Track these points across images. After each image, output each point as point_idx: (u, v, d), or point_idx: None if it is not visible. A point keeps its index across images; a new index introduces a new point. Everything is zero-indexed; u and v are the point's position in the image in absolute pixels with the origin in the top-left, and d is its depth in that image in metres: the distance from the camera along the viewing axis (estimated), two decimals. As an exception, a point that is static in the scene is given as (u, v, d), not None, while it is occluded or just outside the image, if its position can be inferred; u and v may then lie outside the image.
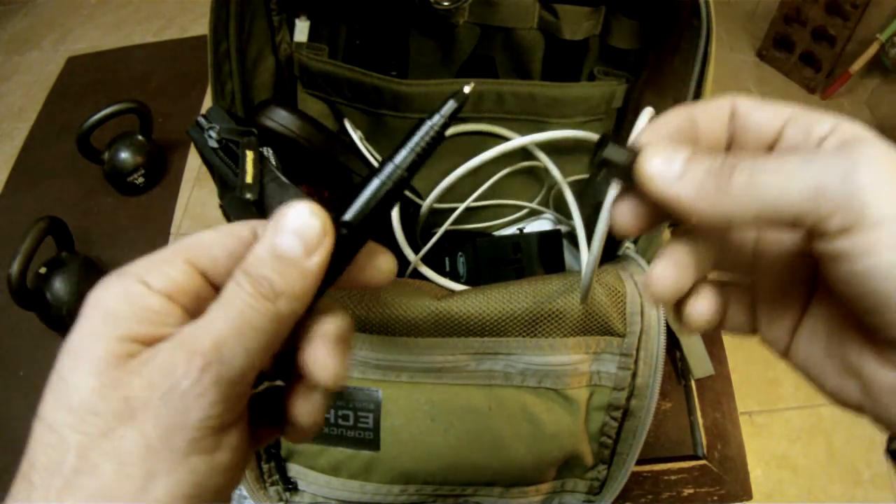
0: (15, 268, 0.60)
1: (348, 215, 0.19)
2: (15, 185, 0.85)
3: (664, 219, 0.20)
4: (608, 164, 0.20)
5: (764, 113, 0.19)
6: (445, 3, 0.44)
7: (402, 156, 0.19)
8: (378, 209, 0.19)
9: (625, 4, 0.46)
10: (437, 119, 0.19)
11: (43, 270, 0.67)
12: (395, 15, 0.49)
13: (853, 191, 0.15)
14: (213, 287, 0.17)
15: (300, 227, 0.17)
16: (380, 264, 0.20)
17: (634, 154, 0.19)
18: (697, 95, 0.40)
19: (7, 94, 1.30)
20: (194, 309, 0.17)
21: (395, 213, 0.47)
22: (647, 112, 0.47)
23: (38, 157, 0.87)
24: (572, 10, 0.47)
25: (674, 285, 0.20)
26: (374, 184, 0.19)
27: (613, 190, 0.21)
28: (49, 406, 0.15)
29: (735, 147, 0.20)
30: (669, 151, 0.19)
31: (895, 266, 0.15)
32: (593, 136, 0.50)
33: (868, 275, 0.15)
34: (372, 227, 0.19)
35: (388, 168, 0.19)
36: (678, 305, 0.21)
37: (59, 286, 0.66)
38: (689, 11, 0.38)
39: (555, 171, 0.51)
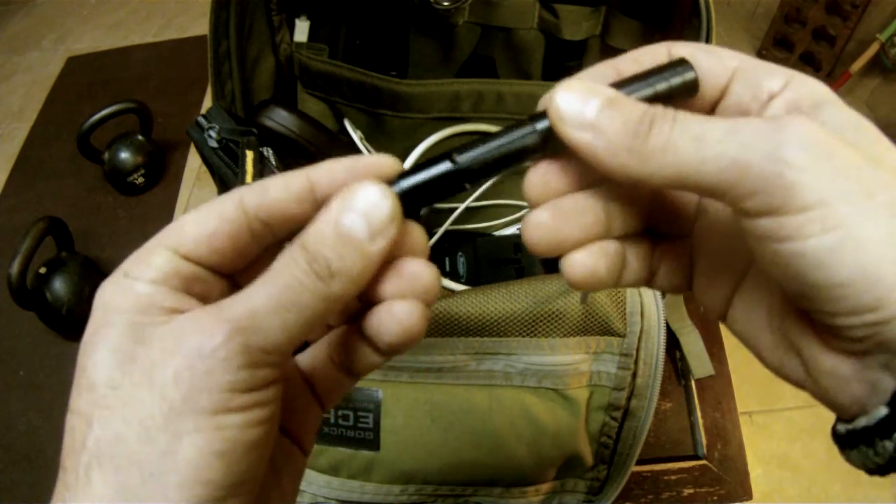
0: (15, 268, 0.60)
1: (404, 183, 0.17)
2: (15, 185, 0.84)
3: (580, 185, 0.18)
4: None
5: (706, 64, 0.17)
6: (445, 3, 0.44)
7: (478, 151, 0.17)
8: (430, 187, 0.17)
9: (625, 4, 0.46)
10: (529, 127, 0.17)
11: (43, 270, 0.67)
12: (395, 15, 0.49)
13: (780, 171, 0.13)
14: (206, 267, 0.17)
15: (368, 207, 0.16)
16: (413, 235, 0.18)
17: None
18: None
19: (7, 94, 1.30)
20: (185, 290, 0.17)
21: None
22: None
23: (38, 157, 0.87)
24: (572, 10, 0.47)
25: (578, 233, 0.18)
26: (442, 165, 0.17)
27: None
28: (74, 396, 0.15)
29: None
30: (586, 90, 0.16)
31: (822, 252, 0.13)
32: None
33: (794, 258, 0.14)
34: (419, 202, 0.18)
35: (463, 154, 0.17)
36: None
37: (59, 286, 0.66)
38: (689, 11, 0.39)
39: (555, 171, 0.51)
